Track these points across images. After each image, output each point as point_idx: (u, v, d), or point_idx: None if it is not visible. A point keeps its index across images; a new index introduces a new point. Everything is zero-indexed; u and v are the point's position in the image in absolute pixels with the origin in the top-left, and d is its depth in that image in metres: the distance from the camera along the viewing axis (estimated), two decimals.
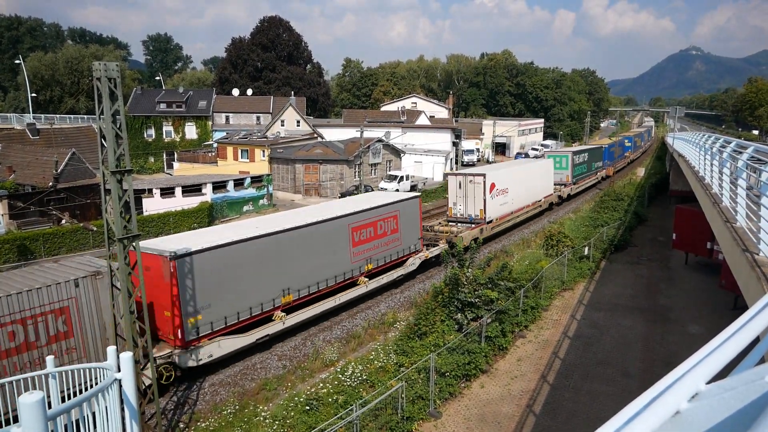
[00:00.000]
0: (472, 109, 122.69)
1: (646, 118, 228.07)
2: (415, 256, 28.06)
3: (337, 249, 23.17)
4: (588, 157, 55.61)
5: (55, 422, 4.54)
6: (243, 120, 74.11)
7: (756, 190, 10.18)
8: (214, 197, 41.50)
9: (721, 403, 1.36)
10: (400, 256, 27.23)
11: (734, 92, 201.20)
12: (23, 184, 37.53)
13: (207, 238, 18.77)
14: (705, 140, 20.90)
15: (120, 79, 12.81)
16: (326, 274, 22.62)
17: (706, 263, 29.77)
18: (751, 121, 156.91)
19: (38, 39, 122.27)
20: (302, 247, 21.34)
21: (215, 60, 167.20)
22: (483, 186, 33.40)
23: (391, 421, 14.77)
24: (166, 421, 15.86)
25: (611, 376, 18.27)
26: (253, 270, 19.32)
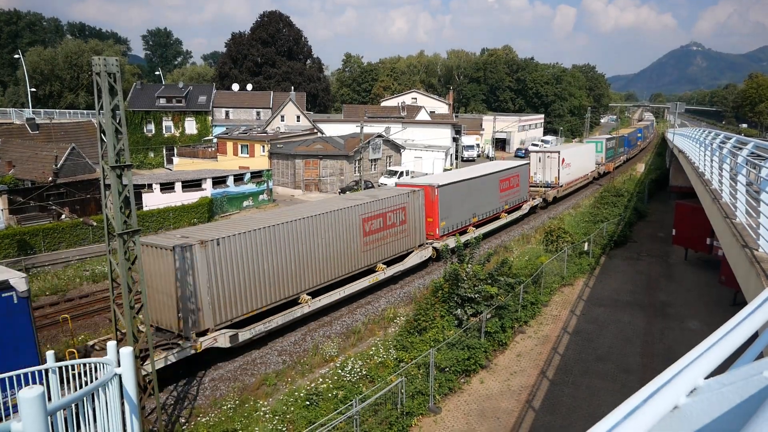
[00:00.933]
0: (473, 105, 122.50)
1: (646, 113, 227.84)
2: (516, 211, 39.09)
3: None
4: (615, 143, 69.27)
5: (55, 417, 4.55)
6: (243, 115, 74.01)
7: (756, 185, 10.18)
8: (214, 192, 41.48)
9: (719, 397, 1.37)
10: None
11: (735, 88, 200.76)
12: (23, 179, 37.51)
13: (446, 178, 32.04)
14: (705, 136, 20.89)
15: (120, 74, 12.79)
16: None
17: (705, 259, 29.79)
18: (752, 117, 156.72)
19: (37, 33, 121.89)
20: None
21: (215, 55, 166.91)
22: (557, 160, 45.83)
23: (391, 416, 14.80)
24: (166, 416, 15.90)
25: (611, 372, 18.31)
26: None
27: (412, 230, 27.66)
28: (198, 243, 17.30)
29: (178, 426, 15.56)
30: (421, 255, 28.23)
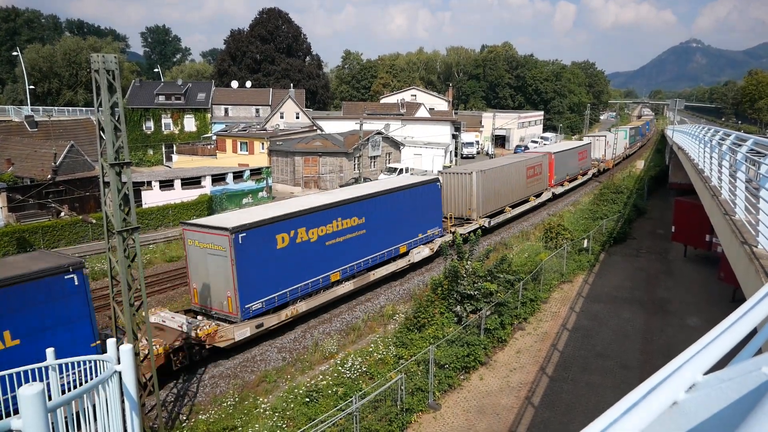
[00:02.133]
0: (472, 102, 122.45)
1: (645, 110, 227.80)
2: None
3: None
4: (634, 132, 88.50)
5: (56, 414, 4.56)
6: (242, 112, 73.92)
7: (755, 182, 10.18)
8: (213, 190, 41.47)
9: (718, 393, 1.37)
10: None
11: (734, 85, 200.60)
12: (22, 176, 37.47)
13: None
14: (704, 133, 20.88)
15: (118, 71, 12.77)
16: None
17: (704, 256, 29.82)
18: (751, 114, 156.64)
19: (36, 31, 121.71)
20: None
21: (214, 52, 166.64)
22: (604, 143, 64.28)
23: (391, 413, 14.83)
24: (166, 414, 15.93)
25: (610, 368, 18.34)
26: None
27: (543, 179, 43.87)
28: (477, 171, 32.80)
29: (178, 423, 15.58)
30: (546, 195, 44.60)
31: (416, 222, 27.78)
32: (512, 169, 37.88)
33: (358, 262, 24.11)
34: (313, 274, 21.65)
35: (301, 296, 21.34)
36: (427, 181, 29.12)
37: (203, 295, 19.73)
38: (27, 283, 14.40)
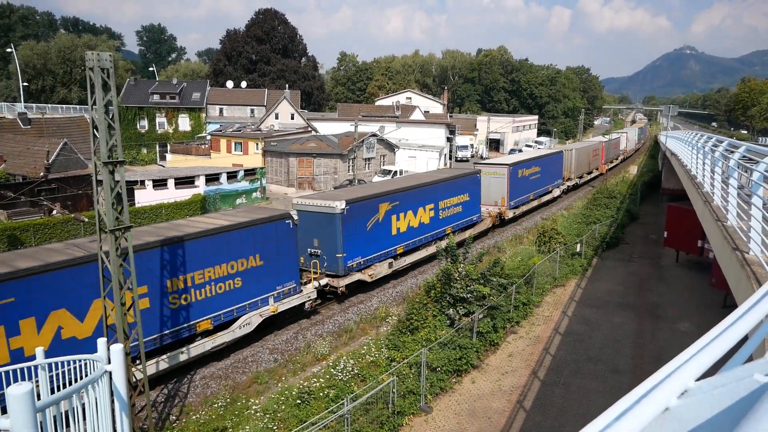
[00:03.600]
0: (467, 105, 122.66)
1: (639, 115, 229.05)
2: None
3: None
4: (640, 131, 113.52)
5: (44, 414, 4.53)
6: (237, 112, 73.81)
7: (747, 189, 10.25)
8: (207, 190, 41.35)
9: (710, 399, 1.37)
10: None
11: (727, 92, 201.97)
12: (14, 173, 37.23)
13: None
14: (697, 139, 21.00)
15: (113, 69, 12.71)
16: None
17: (696, 261, 29.98)
18: (743, 120, 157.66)
19: (30, 28, 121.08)
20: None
21: (209, 52, 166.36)
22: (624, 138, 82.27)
23: (382, 416, 14.81)
24: (156, 414, 15.84)
25: (602, 373, 18.39)
26: None
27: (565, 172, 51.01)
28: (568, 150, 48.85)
29: (168, 424, 15.50)
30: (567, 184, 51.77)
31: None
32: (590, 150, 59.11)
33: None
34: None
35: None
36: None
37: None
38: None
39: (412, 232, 28.00)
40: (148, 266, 16.08)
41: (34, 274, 13.94)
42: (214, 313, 18.38)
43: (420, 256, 28.93)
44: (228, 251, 18.60)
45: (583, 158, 54.71)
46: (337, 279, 23.37)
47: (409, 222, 27.77)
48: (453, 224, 31.40)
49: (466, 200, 32.62)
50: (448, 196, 30.98)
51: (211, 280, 18.17)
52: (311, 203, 23.90)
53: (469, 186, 32.89)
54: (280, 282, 20.75)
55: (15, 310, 13.53)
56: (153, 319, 16.50)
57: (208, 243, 18.02)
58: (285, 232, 20.49)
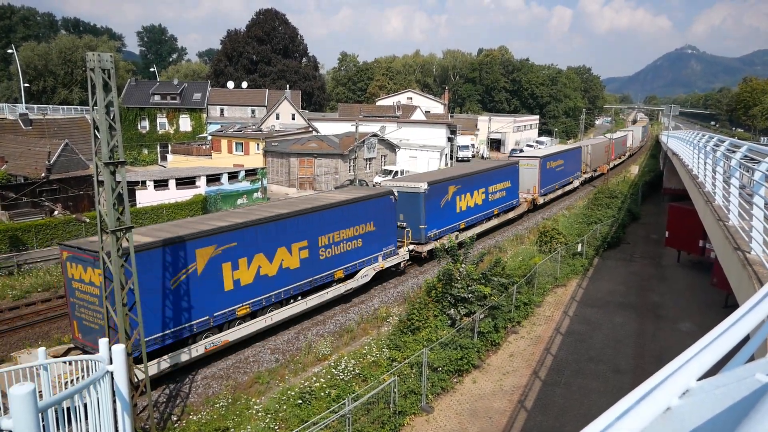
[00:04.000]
0: (468, 105, 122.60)
1: (640, 114, 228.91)
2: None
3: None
4: (644, 129, 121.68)
5: (46, 414, 4.53)
6: (238, 113, 73.83)
7: (748, 188, 10.24)
8: (208, 190, 41.35)
9: (712, 399, 1.37)
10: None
11: (728, 92, 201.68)
12: (15, 174, 37.27)
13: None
14: (699, 139, 20.98)
15: (114, 70, 12.72)
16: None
17: (698, 261, 29.96)
18: (745, 120, 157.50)
19: (31, 28, 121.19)
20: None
21: (210, 52, 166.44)
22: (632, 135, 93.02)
23: (383, 416, 14.81)
24: (158, 414, 15.85)
25: (603, 373, 18.38)
26: None
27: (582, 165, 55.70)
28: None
29: (169, 424, 15.51)
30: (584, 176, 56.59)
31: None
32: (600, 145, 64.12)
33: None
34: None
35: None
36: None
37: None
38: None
39: (470, 211, 33.24)
40: (307, 226, 21.46)
41: (247, 227, 18.82)
42: (345, 265, 23.72)
43: (476, 231, 33.43)
44: (355, 218, 24.00)
45: (597, 153, 61.11)
46: (420, 245, 28.63)
47: (468, 203, 32.85)
48: (499, 206, 36.84)
49: (508, 186, 38.03)
50: (495, 182, 36.13)
51: (343, 240, 23.44)
52: (399, 185, 28.53)
53: (510, 174, 38.43)
54: (386, 245, 26.25)
55: (236, 251, 18.47)
56: (310, 267, 21.78)
57: (343, 211, 23.37)
58: (389, 206, 26.07)
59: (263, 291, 19.77)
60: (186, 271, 17.08)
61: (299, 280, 21.16)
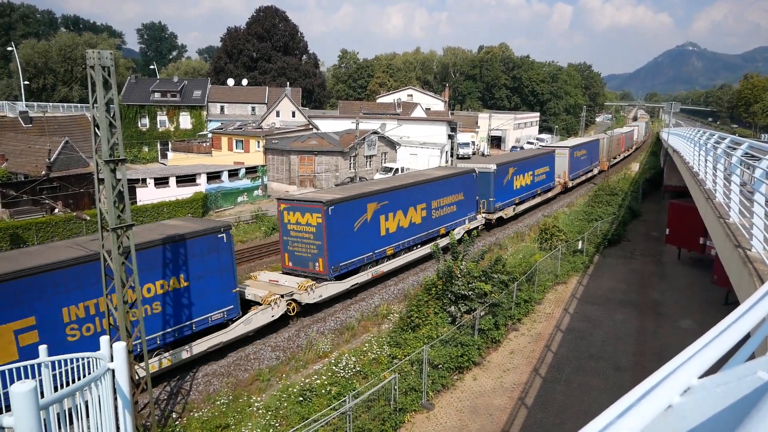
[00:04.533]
0: (468, 102, 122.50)
1: (640, 111, 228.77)
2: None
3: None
4: (646, 125, 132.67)
5: (48, 411, 4.54)
6: (238, 110, 73.76)
7: (749, 186, 10.23)
8: (209, 188, 41.36)
9: (713, 397, 1.37)
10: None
11: (730, 88, 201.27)
12: (16, 172, 37.28)
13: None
14: (700, 136, 20.96)
15: (114, 67, 12.71)
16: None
17: (698, 258, 29.95)
18: (746, 117, 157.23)
19: (31, 26, 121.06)
20: None
21: (210, 49, 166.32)
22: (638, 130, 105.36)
23: (384, 413, 14.83)
24: (159, 411, 15.88)
25: (603, 370, 18.40)
26: None
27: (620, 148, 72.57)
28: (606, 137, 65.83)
29: (170, 421, 15.54)
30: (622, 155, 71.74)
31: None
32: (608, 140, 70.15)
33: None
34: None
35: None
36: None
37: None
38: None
39: (523, 189, 40.31)
40: (425, 193, 29.08)
41: (394, 190, 26.90)
42: (445, 224, 31.04)
43: (526, 206, 41.59)
44: (450, 189, 31.33)
45: (611, 145, 70.17)
46: (490, 214, 36.04)
47: (522, 182, 39.91)
48: (540, 187, 44.22)
49: (547, 171, 45.31)
50: (538, 167, 43.53)
51: (443, 206, 30.70)
52: (476, 167, 34.91)
53: (549, 161, 45.98)
54: (470, 211, 33.71)
55: (387, 207, 26.30)
56: (426, 223, 29.36)
57: (444, 183, 30.93)
58: (472, 180, 33.70)
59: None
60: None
61: (421, 232, 28.96)
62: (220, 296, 19.03)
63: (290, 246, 23.93)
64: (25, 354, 13.10)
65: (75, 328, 14.75)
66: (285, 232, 24.04)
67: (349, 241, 24.11)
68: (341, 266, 23.76)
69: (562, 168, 49.12)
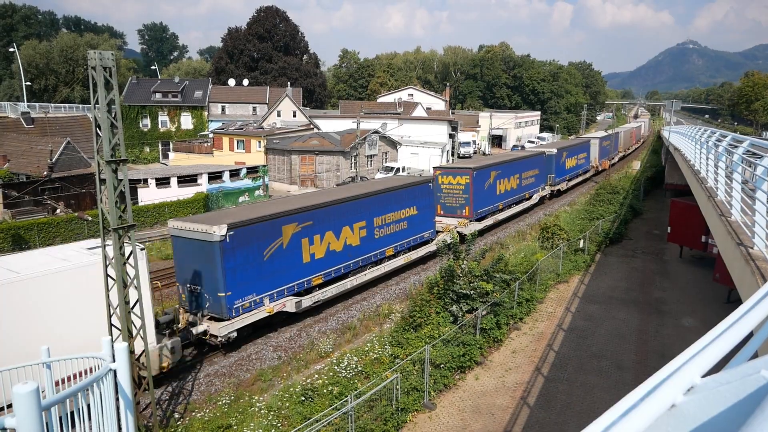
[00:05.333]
0: (469, 101, 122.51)
1: (641, 110, 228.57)
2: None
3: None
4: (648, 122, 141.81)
5: (50, 412, 4.54)
6: (239, 110, 73.81)
7: (751, 183, 10.20)
8: (210, 188, 41.38)
9: (717, 396, 1.36)
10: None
11: (730, 86, 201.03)
12: (18, 173, 37.34)
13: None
14: (701, 134, 20.93)
15: (115, 68, 12.72)
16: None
17: (700, 257, 29.91)
18: (747, 115, 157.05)
19: (33, 27, 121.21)
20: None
21: (211, 50, 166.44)
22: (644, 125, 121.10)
23: (386, 412, 14.83)
24: (161, 412, 15.89)
25: (605, 369, 18.38)
26: None
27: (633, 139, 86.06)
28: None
29: (172, 421, 15.55)
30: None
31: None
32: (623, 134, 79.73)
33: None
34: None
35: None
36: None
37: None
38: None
39: (572, 169, 50.33)
40: (508, 172, 37.20)
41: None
42: (522, 193, 40.20)
43: (573, 182, 52.21)
44: (523, 168, 39.90)
45: (626, 138, 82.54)
46: (553, 187, 45.93)
47: (570, 163, 49.66)
48: (582, 169, 53.19)
49: (585, 156, 55.55)
50: (580, 152, 52.89)
51: (520, 179, 39.31)
52: (531, 148, 45.24)
53: (587, 148, 56.57)
54: (539, 184, 43.25)
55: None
56: (506, 194, 37.36)
57: (518, 163, 39.61)
58: (542, 160, 43.48)
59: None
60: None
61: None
62: (429, 223, 29.20)
63: (442, 200, 32.72)
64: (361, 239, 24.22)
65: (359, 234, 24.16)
66: (438, 190, 32.32)
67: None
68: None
69: (595, 154, 59.89)
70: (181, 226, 18.91)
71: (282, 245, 20.23)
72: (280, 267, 20.23)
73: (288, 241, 20.49)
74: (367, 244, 24.90)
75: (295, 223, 20.85)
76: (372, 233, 25.19)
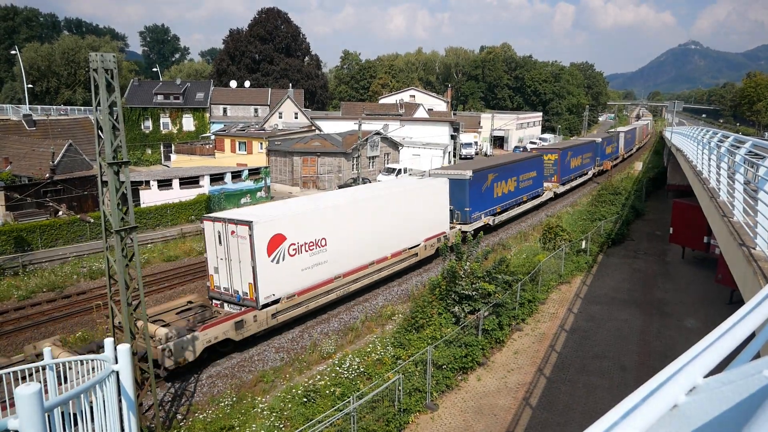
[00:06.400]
0: (471, 103, 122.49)
1: (643, 110, 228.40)
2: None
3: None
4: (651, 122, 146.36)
5: (52, 414, 4.55)
6: (241, 112, 73.90)
7: (753, 184, 10.19)
8: (212, 189, 41.42)
9: (719, 396, 1.37)
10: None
11: (733, 87, 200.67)
12: (20, 175, 37.39)
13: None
14: (703, 135, 20.91)
15: (117, 70, 12.75)
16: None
17: (702, 257, 29.86)
18: (749, 116, 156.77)
19: (34, 29, 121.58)
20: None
21: (213, 52, 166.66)
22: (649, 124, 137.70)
23: (388, 413, 14.82)
24: (163, 413, 15.90)
25: (608, 370, 18.36)
26: None
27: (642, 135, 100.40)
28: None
29: (175, 422, 15.56)
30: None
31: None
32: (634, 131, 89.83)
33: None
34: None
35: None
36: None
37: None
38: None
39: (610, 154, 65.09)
40: (577, 153, 52.26)
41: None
42: (579, 171, 53.28)
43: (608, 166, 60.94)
44: (584, 151, 54.20)
45: (640, 132, 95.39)
46: (600, 166, 59.71)
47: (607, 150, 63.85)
48: (611, 156, 65.10)
49: (615, 146, 68.82)
50: (612, 144, 66.16)
51: (580, 159, 52.87)
52: (578, 141, 51.70)
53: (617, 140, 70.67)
54: (589, 166, 55.25)
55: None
56: (577, 168, 52.72)
57: (583, 147, 54.69)
58: (594, 146, 57.87)
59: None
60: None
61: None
62: (540, 184, 43.46)
63: None
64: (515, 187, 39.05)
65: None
66: None
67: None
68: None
69: (621, 144, 73.53)
70: (447, 173, 32.39)
71: (486, 184, 34.34)
72: (487, 197, 34.44)
73: (489, 183, 34.66)
74: (516, 191, 39.97)
75: (494, 173, 35.21)
76: (518, 185, 40.13)
